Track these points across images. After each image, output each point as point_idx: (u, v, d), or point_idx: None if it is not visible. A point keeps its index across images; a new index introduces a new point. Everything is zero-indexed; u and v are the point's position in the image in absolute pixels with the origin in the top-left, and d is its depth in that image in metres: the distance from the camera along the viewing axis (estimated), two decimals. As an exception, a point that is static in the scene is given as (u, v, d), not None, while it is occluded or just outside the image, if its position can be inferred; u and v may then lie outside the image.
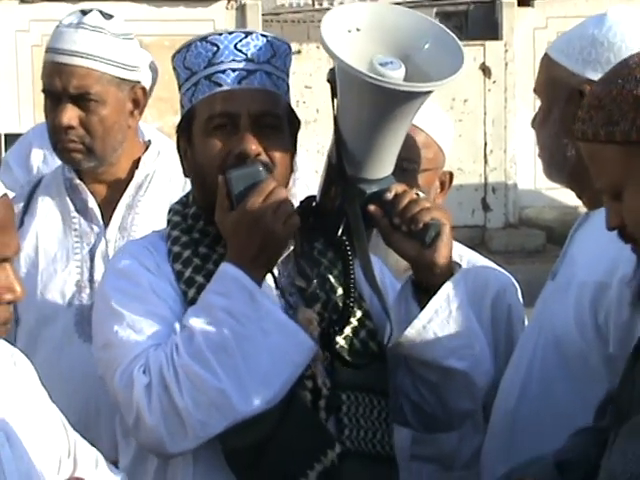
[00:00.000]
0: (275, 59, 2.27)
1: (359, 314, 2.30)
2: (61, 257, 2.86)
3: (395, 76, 2.13)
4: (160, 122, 10.77)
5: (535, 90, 2.55)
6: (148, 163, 2.95)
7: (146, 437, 2.12)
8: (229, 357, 2.08)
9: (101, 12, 2.91)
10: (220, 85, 2.21)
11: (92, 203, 2.90)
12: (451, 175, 2.95)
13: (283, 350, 2.11)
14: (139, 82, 2.96)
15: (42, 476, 1.94)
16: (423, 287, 2.25)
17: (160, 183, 2.94)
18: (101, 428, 2.68)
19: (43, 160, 3.63)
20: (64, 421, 2.07)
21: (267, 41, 2.27)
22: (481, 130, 16.26)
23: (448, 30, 2.24)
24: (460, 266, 2.34)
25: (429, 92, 2.17)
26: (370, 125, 2.18)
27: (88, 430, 2.36)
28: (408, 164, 2.73)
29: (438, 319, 2.22)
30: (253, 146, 2.18)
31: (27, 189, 3.02)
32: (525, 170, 16.26)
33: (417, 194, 2.26)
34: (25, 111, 13.50)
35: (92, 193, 2.91)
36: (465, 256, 2.95)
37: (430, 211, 2.20)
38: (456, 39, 2.22)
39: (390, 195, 2.21)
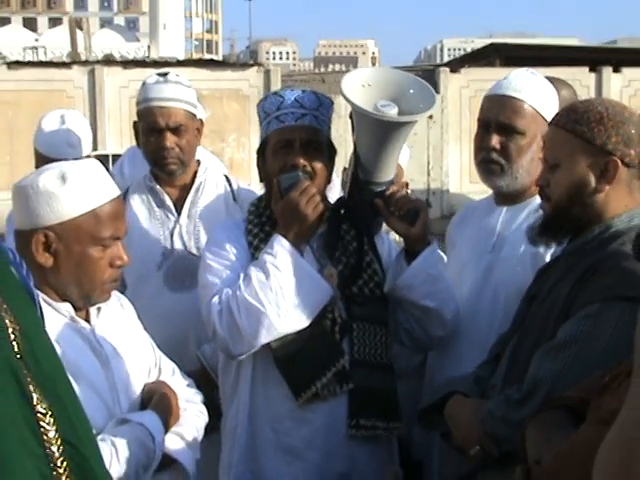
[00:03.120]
0: (321, 108, 2.32)
1: (370, 271, 2.32)
2: (149, 237, 2.85)
3: (391, 113, 2.20)
4: (212, 147, 10.81)
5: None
6: (201, 174, 2.92)
7: (218, 343, 2.22)
8: (273, 294, 2.15)
9: (176, 74, 2.92)
10: (284, 122, 2.27)
11: (168, 201, 2.89)
12: (407, 184, 2.96)
13: (309, 291, 2.18)
14: (199, 116, 2.94)
15: (137, 379, 1.97)
16: (411, 253, 2.28)
17: (209, 187, 2.91)
18: (190, 352, 2.69)
19: (130, 169, 3.54)
20: (152, 343, 2.10)
21: (316, 96, 2.33)
22: (425, 154, 16.30)
23: (425, 82, 2.31)
24: (434, 239, 2.37)
25: (414, 122, 2.24)
26: (376, 146, 2.25)
27: (180, 355, 2.39)
28: None
29: (416, 274, 2.26)
30: (301, 160, 2.24)
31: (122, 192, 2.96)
32: (454, 180, 16.37)
33: (407, 192, 2.32)
34: (125, 139, 13.67)
35: (167, 194, 2.90)
36: None
37: (413, 202, 2.28)
38: (430, 88, 2.29)
39: (388, 192, 2.28)
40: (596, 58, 17.24)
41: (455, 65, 18.71)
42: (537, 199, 2.35)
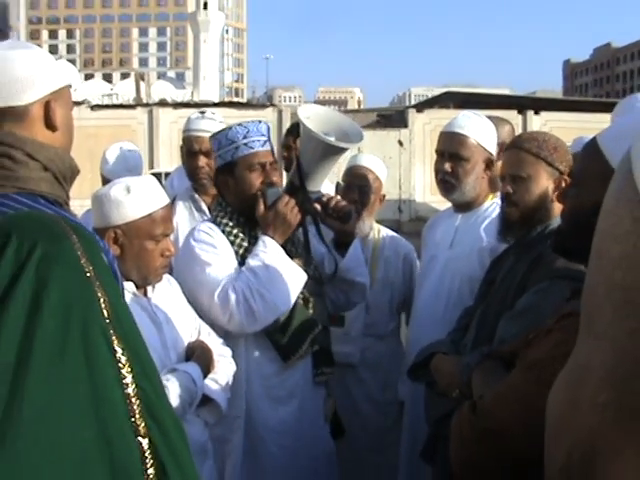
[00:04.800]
0: (269, 135, 2.20)
1: (312, 259, 2.23)
2: None
3: (329, 139, 2.09)
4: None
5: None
6: None
7: (235, 326, 2.05)
8: (274, 283, 2.04)
9: (212, 112, 2.91)
10: (253, 148, 2.12)
11: (204, 207, 2.84)
12: (384, 195, 2.87)
13: (293, 278, 2.08)
14: None
15: (183, 339, 1.95)
16: (341, 244, 2.23)
17: None
18: None
19: (177, 183, 3.51)
20: (193, 312, 2.05)
21: (267, 127, 2.20)
22: (397, 172, 16.31)
23: (355, 123, 2.20)
24: (357, 233, 2.29)
25: (344, 149, 2.10)
26: (315, 161, 2.13)
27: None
28: (365, 188, 2.70)
29: (352, 259, 2.22)
30: (275, 178, 2.13)
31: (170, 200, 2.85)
32: (419, 192, 16.37)
33: (339, 198, 2.21)
34: (174, 161, 13.73)
35: (203, 202, 2.86)
36: (389, 233, 2.88)
37: (346, 205, 2.18)
38: (358, 127, 2.18)
39: (325, 198, 2.18)
40: (522, 103, 17.35)
41: (420, 107, 18.76)
42: (484, 207, 2.39)
